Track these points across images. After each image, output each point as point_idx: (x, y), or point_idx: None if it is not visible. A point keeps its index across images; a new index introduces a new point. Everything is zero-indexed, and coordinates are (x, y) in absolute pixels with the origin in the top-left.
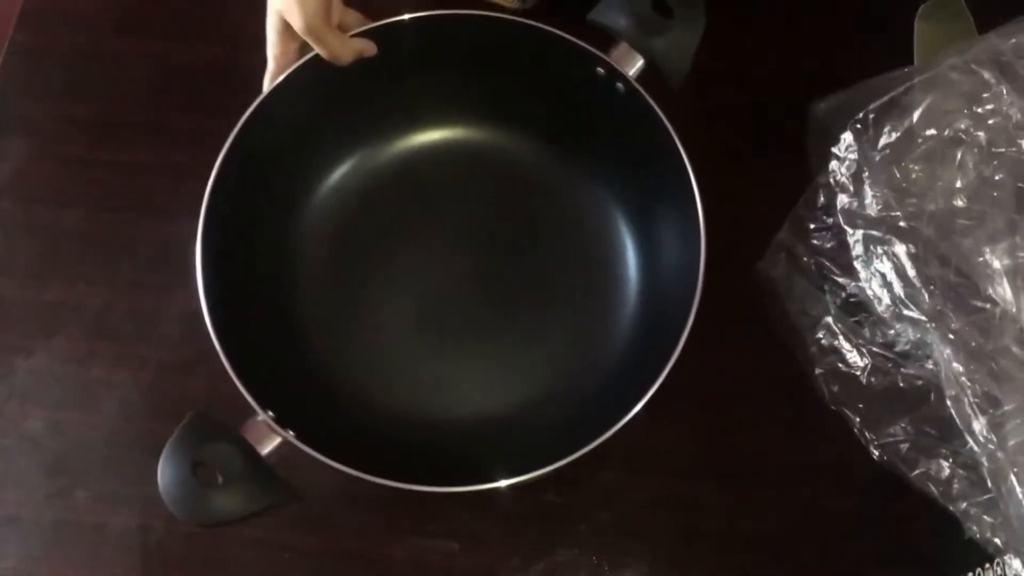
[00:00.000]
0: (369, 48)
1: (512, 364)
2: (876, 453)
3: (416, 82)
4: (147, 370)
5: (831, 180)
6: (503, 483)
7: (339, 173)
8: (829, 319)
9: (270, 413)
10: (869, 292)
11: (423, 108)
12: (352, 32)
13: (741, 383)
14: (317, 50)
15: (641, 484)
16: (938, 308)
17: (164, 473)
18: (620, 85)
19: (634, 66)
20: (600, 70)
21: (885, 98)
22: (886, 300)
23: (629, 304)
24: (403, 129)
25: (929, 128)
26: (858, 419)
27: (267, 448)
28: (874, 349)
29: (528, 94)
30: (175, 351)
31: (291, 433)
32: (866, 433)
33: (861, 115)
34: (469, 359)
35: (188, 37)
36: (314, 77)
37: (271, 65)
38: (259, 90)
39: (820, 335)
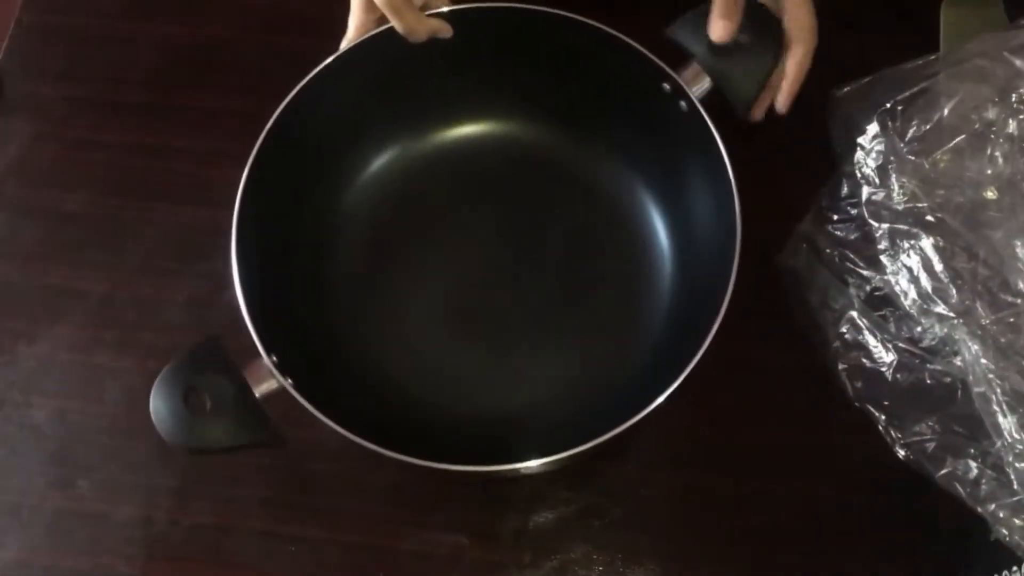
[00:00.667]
0: (444, 29)
1: (539, 360)
2: (902, 452)
3: (463, 75)
4: (152, 358)
5: (856, 171)
6: (510, 466)
7: (381, 160)
8: (853, 313)
9: (273, 358)
10: (895, 286)
11: (468, 101)
12: (431, 12)
13: (761, 376)
14: (393, 23)
15: (657, 479)
16: (966, 303)
17: (157, 392)
18: (683, 104)
19: (700, 87)
20: (666, 86)
21: (915, 88)
22: (913, 294)
23: (662, 300)
24: (445, 121)
25: (959, 118)
26: (883, 416)
27: (262, 390)
28: (900, 344)
29: (574, 93)
30: (182, 338)
31: (289, 381)
32: (891, 431)
33: (888, 105)
34: (493, 352)
35: (195, 18)
36: (363, 63)
37: (350, 32)
38: (268, 72)
39: (844, 329)
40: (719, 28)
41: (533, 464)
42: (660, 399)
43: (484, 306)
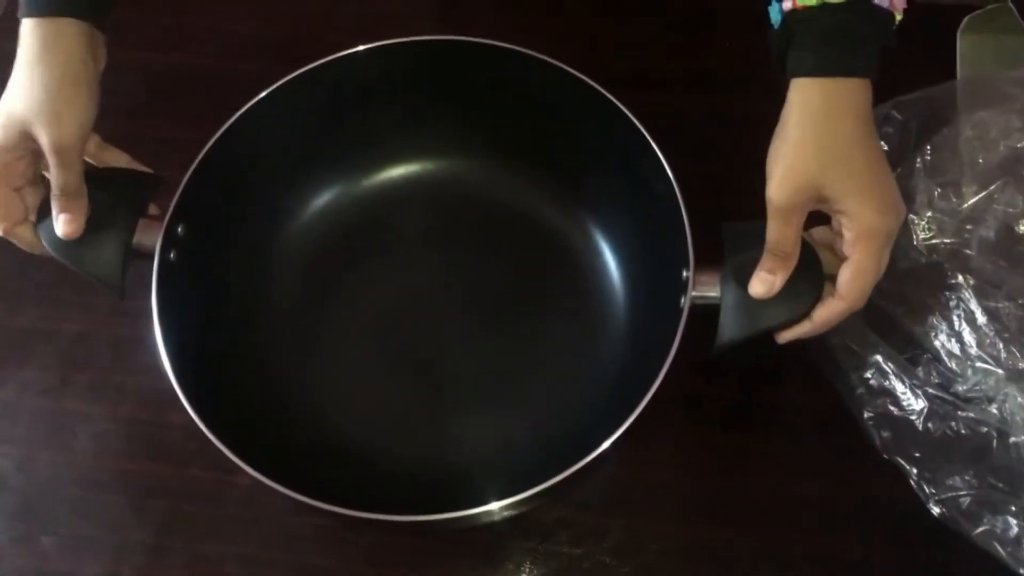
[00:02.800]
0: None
1: (485, 405)
2: (936, 510)
3: (405, 111)
4: (125, 403)
5: None
6: (445, 516)
7: (321, 200)
8: (878, 356)
9: (180, 230)
10: (922, 326)
11: (410, 138)
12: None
13: (779, 423)
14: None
15: (666, 533)
16: (1001, 344)
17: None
18: (683, 298)
19: (704, 294)
20: (685, 273)
21: (932, 113)
22: (942, 335)
23: (616, 341)
24: (386, 160)
25: (985, 146)
26: (914, 470)
27: (140, 239)
28: (930, 390)
29: (526, 134)
30: (157, 382)
31: (172, 255)
32: (924, 486)
33: (910, 132)
34: (436, 398)
35: (169, 45)
36: (299, 100)
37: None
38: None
39: (868, 374)
40: (759, 284)
41: (451, 515)
42: (605, 445)
43: (426, 350)
